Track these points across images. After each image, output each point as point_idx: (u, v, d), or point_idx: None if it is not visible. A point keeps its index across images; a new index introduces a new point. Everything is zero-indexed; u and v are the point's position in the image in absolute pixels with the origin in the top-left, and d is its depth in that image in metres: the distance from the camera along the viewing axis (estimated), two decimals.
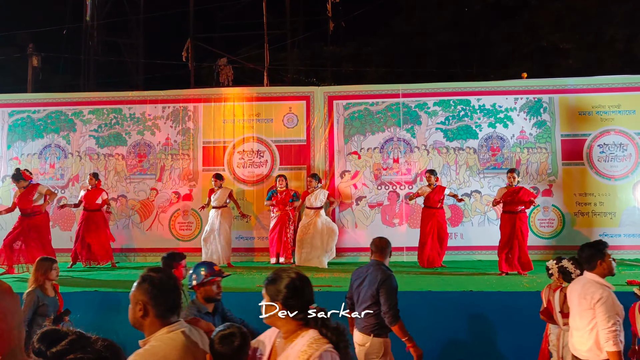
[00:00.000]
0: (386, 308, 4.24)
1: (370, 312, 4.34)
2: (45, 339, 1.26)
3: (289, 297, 2.37)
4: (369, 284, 4.37)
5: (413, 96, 10.14)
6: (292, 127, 10.22)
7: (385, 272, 4.39)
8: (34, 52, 17.53)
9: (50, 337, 1.27)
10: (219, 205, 9.32)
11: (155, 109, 10.41)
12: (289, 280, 2.40)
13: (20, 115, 10.53)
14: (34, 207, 8.45)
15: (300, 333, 2.32)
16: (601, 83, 10.05)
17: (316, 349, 2.22)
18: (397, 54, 22.60)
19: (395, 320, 4.23)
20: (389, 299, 4.25)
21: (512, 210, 8.21)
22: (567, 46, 18.38)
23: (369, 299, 4.35)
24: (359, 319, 4.41)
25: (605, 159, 9.73)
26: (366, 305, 4.37)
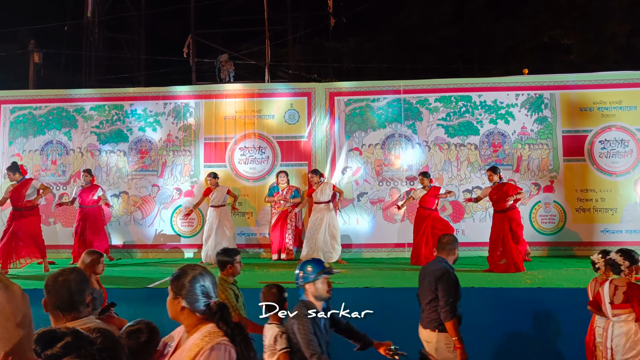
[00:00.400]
0: (442, 303, 4.25)
1: (431, 308, 4.35)
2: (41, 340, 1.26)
3: (191, 292, 2.41)
4: (429, 280, 4.39)
5: (414, 92, 10.14)
6: (294, 124, 10.22)
7: (443, 268, 4.39)
8: (35, 49, 17.53)
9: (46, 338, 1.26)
10: (217, 204, 9.25)
11: (157, 105, 10.41)
12: (193, 276, 2.46)
13: (21, 111, 10.54)
14: (26, 202, 8.37)
15: (200, 327, 2.35)
16: (602, 79, 10.04)
17: (208, 341, 2.24)
18: (398, 49, 22.57)
19: (449, 316, 4.22)
20: (446, 295, 4.25)
21: (501, 208, 8.16)
22: (568, 41, 18.35)
23: (429, 294, 4.37)
24: (422, 315, 4.44)
25: (607, 155, 9.73)
26: (427, 301, 4.39)
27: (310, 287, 3.70)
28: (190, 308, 2.38)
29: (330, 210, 9.12)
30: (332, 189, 9.22)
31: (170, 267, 8.69)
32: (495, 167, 8.50)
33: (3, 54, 19.66)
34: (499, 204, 8.16)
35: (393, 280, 7.14)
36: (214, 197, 9.28)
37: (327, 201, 9.14)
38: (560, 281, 6.84)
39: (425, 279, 4.48)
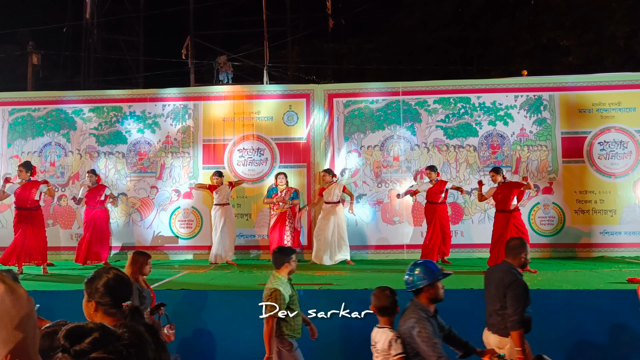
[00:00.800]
0: (511, 312, 4.14)
1: (498, 314, 4.27)
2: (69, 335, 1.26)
3: (104, 295, 2.54)
4: (496, 286, 4.28)
5: (413, 94, 10.14)
6: (292, 125, 10.21)
7: (511, 275, 4.28)
8: (34, 50, 17.52)
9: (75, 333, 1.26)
10: (222, 202, 9.32)
11: (155, 107, 10.40)
12: (106, 279, 2.59)
13: (20, 113, 10.53)
14: (33, 201, 8.37)
15: None
16: (601, 80, 10.05)
17: None
18: (397, 51, 22.58)
19: (516, 326, 4.12)
20: (515, 303, 4.15)
21: (505, 208, 8.16)
22: (567, 43, 18.34)
23: (497, 301, 4.27)
24: (491, 320, 4.37)
25: (606, 156, 9.73)
26: (496, 308, 4.29)
27: (429, 289, 3.60)
28: (103, 310, 2.52)
29: (338, 211, 9.13)
30: (342, 190, 9.24)
31: (169, 268, 8.69)
32: (497, 167, 8.52)
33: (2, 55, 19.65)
34: (504, 203, 8.15)
35: (392, 282, 7.11)
36: (218, 196, 9.31)
37: (336, 202, 9.16)
38: (559, 283, 6.83)
39: (491, 284, 4.38)
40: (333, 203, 9.16)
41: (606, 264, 8.55)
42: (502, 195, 8.16)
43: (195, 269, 8.69)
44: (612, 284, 6.65)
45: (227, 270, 8.53)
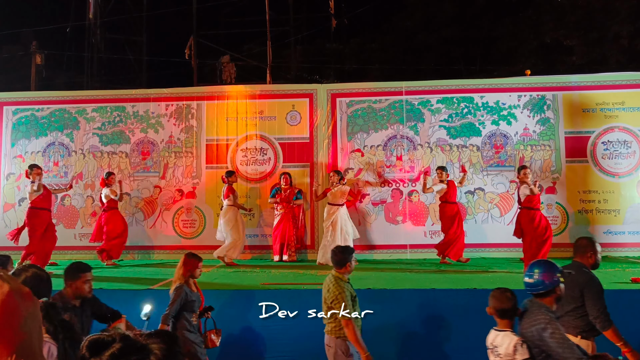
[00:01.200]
0: (595, 313, 4.00)
1: (574, 315, 4.13)
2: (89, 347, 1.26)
3: None
4: (571, 287, 4.06)
5: (416, 93, 10.13)
6: (295, 125, 10.22)
7: (585, 274, 4.16)
8: (37, 50, 17.58)
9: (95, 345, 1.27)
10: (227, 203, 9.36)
11: (159, 106, 10.42)
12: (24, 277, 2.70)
13: (24, 113, 10.56)
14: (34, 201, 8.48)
15: None
16: (605, 80, 10.02)
17: None
18: (400, 50, 22.58)
19: (607, 324, 3.99)
20: (596, 303, 4.01)
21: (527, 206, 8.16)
22: (571, 42, 18.31)
23: (571, 302, 4.11)
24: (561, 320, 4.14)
25: (609, 156, 9.70)
26: (570, 309, 4.13)
27: (558, 290, 3.49)
28: None
29: (342, 213, 9.11)
30: (345, 195, 9.20)
31: (173, 268, 8.69)
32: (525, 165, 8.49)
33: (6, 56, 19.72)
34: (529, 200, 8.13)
35: (395, 282, 7.13)
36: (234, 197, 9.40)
37: (339, 204, 9.13)
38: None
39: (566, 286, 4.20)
40: (337, 205, 9.15)
41: (610, 263, 8.53)
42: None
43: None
44: (615, 284, 6.63)
45: (230, 270, 8.54)
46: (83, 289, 4.02)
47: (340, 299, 4.37)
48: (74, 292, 4.01)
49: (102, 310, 4.29)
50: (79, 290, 4.01)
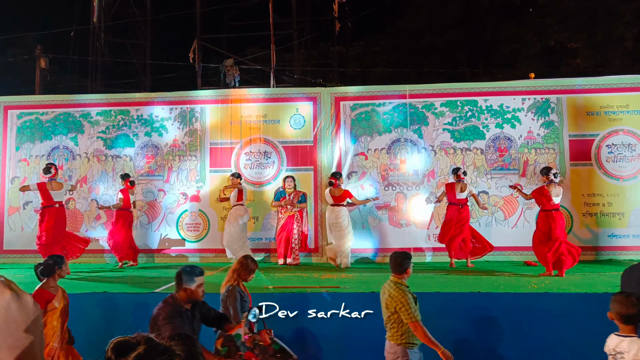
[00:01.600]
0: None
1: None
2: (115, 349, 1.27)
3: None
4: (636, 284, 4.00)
5: (420, 97, 10.13)
6: (299, 128, 10.22)
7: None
8: (41, 54, 17.63)
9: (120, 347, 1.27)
10: (231, 205, 9.47)
11: (163, 110, 10.44)
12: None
13: (28, 117, 10.59)
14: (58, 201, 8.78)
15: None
16: (609, 83, 10.00)
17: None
18: (404, 53, 22.58)
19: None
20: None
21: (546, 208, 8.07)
22: (575, 45, 18.30)
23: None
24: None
25: (614, 159, 9.68)
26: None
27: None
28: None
29: (343, 214, 9.10)
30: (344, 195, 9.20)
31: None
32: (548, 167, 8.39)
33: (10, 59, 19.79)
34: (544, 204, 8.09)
35: None
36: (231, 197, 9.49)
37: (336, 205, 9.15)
38: (567, 286, 6.81)
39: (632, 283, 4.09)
40: (333, 205, 9.17)
41: (614, 267, 8.50)
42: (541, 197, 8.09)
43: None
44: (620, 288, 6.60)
45: None
46: (197, 293, 3.97)
47: (405, 303, 4.38)
48: (188, 296, 3.95)
49: (210, 314, 4.22)
50: (193, 294, 3.96)
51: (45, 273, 4.80)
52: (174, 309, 3.86)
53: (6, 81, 18.15)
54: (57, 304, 4.71)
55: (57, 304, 4.71)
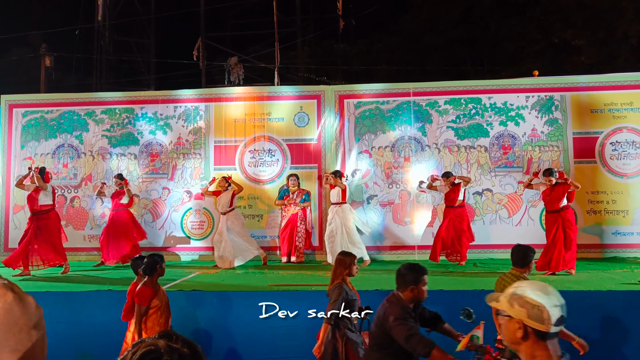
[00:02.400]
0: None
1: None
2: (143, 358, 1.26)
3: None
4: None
5: (424, 95, 10.13)
6: (303, 126, 10.24)
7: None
8: (46, 52, 17.69)
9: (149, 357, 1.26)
10: (224, 211, 9.23)
11: (167, 108, 10.47)
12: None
13: (33, 115, 10.64)
14: (41, 206, 8.50)
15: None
16: (613, 80, 9.98)
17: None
18: (407, 51, 22.56)
19: None
20: None
21: (554, 208, 8.05)
22: (578, 43, 18.23)
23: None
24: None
25: (618, 156, 9.67)
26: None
27: None
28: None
29: (342, 212, 9.12)
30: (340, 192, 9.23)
31: (182, 269, 8.74)
32: (551, 170, 8.35)
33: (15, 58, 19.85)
34: (552, 204, 8.08)
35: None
36: (221, 203, 9.32)
37: (338, 202, 9.16)
38: (570, 284, 6.81)
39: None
40: (336, 204, 9.19)
41: (618, 264, 8.51)
42: (550, 197, 8.06)
43: (207, 269, 8.75)
44: (625, 285, 6.61)
45: (238, 271, 8.57)
46: (423, 292, 3.79)
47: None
48: (415, 296, 3.76)
49: (425, 314, 4.06)
50: (420, 294, 3.77)
51: (147, 271, 4.94)
52: (404, 310, 3.69)
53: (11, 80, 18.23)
54: (159, 301, 4.87)
55: (159, 301, 4.87)
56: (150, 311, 4.84)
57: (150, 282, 4.94)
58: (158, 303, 4.89)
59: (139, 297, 4.84)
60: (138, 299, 4.83)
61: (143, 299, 4.82)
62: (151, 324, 4.82)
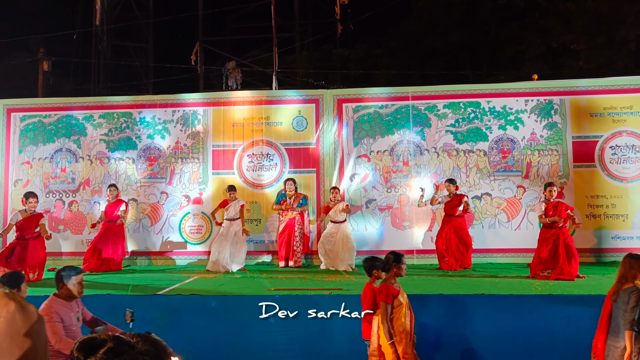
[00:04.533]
0: None
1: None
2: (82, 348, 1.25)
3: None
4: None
5: (423, 99, 10.11)
6: (302, 130, 10.21)
7: None
8: (44, 57, 17.67)
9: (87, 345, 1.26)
10: (232, 217, 9.27)
11: (165, 112, 10.44)
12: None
13: (31, 119, 10.60)
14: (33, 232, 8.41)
15: None
16: (613, 84, 9.97)
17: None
18: (406, 55, 22.58)
19: None
20: None
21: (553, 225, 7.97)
22: (578, 47, 18.26)
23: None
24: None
25: (617, 160, 9.65)
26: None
27: None
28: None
29: (344, 228, 9.12)
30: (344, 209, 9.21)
31: (179, 274, 8.69)
32: (552, 182, 8.31)
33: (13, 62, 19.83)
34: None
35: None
36: (230, 211, 9.30)
37: (341, 221, 9.18)
38: (570, 288, 6.78)
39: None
40: (339, 222, 9.17)
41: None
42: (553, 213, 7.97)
43: (205, 274, 8.70)
44: None
45: (237, 275, 8.53)
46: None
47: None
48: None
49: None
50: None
51: (386, 269, 4.85)
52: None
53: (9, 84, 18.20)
54: (402, 299, 4.70)
55: (402, 299, 4.70)
56: (395, 310, 4.62)
57: (389, 280, 4.77)
58: (401, 301, 4.68)
59: (382, 294, 4.65)
60: (383, 297, 4.63)
61: (385, 296, 4.64)
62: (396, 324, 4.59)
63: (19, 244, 8.35)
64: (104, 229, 9.28)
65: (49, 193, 10.37)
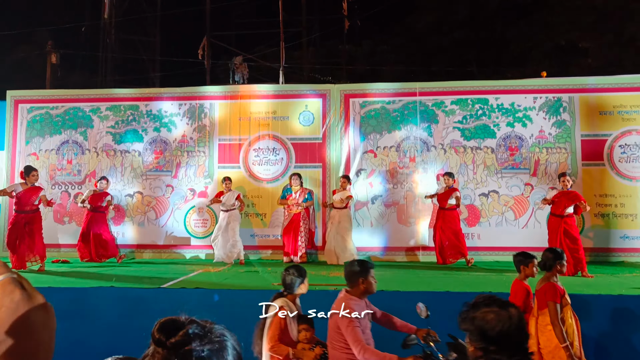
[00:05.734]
0: None
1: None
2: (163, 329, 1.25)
3: None
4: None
5: (430, 95, 10.05)
6: (308, 125, 10.17)
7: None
8: (52, 50, 17.69)
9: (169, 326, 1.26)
10: (227, 208, 9.36)
11: (172, 106, 10.42)
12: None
13: (38, 111, 10.60)
14: (32, 205, 8.35)
15: None
16: (623, 82, 9.87)
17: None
18: (413, 52, 22.50)
19: None
20: None
21: (559, 213, 7.97)
22: (586, 45, 18.14)
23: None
24: None
25: (627, 159, 9.56)
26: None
27: None
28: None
29: (342, 212, 9.15)
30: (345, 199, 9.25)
31: (184, 267, 8.68)
32: (564, 173, 8.32)
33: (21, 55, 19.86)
34: (559, 208, 8.01)
35: (408, 284, 7.06)
36: (225, 200, 9.34)
37: (341, 207, 9.20)
38: (580, 287, 6.72)
39: None
40: (339, 208, 9.23)
41: (627, 269, 8.40)
42: (560, 200, 7.98)
43: (209, 267, 8.68)
44: (634, 289, 6.51)
45: (241, 270, 8.50)
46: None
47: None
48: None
49: None
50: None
51: (547, 267, 4.67)
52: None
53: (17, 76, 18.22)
54: (568, 298, 4.55)
55: (568, 298, 4.55)
56: (564, 309, 4.43)
57: (551, 278, 4.59)
58: (568, 301, 4.51)
59: (550, 294, 4.44)
60: (551, 296, 4.42)
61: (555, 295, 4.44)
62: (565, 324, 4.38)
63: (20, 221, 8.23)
64: (89, 219, 9.32)
65: (55, 185, 10.37)
